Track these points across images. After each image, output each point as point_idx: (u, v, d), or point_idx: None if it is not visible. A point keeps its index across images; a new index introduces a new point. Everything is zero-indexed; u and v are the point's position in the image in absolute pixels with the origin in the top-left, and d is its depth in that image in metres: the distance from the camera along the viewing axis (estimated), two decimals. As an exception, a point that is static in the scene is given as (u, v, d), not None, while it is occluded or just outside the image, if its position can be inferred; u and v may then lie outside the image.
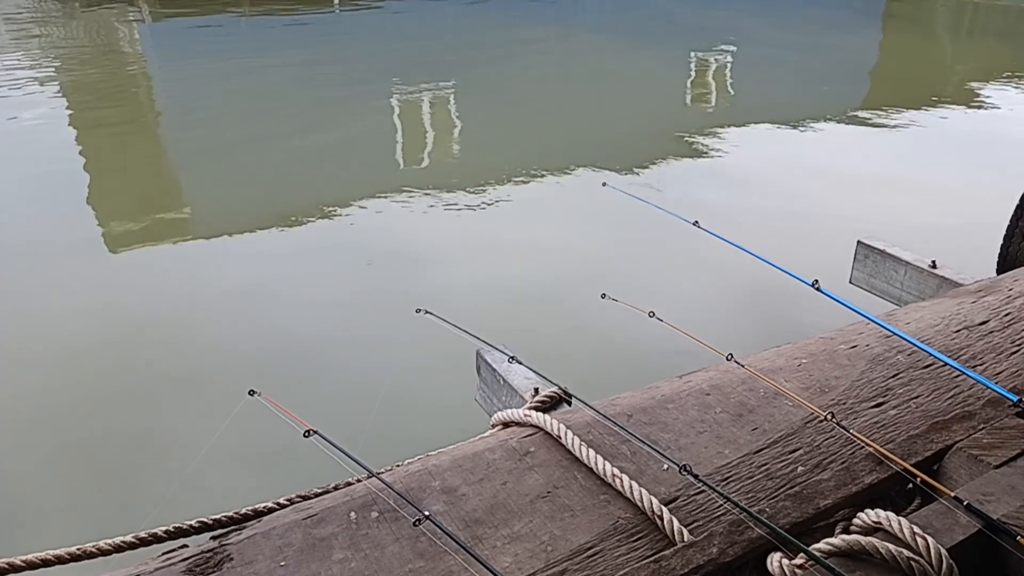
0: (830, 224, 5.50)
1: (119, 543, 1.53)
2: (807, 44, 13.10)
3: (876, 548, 1.32)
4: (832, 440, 1.68)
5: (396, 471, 1.62)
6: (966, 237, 4.85)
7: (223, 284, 4.81)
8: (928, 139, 8.07)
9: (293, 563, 1.38)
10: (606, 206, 5.55)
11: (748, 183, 6.55)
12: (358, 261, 5.14)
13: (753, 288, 4.47)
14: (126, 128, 8.25)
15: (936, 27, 15.44)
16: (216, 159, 7.27)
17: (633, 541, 1.43)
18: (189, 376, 3.86)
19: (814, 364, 1.99)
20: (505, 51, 12.23)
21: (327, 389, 3.77)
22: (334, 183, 6.65)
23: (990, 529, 1.38)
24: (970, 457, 1.59)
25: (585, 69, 11.44)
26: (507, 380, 2.08)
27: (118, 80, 10.18)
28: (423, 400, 3.56)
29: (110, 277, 4.96)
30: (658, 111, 9.45)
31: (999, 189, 3.93)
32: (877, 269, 2.97)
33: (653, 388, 1.89)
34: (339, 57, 11.68)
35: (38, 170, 6.76)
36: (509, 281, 4.83)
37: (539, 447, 1.67)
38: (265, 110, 8.67)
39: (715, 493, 1.50)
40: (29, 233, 5.51)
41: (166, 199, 6.45)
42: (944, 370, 1.93)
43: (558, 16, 15.53)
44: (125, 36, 12.90)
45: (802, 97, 9.79)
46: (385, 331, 4.21)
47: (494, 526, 1.46)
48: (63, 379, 3.85)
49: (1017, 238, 2.84)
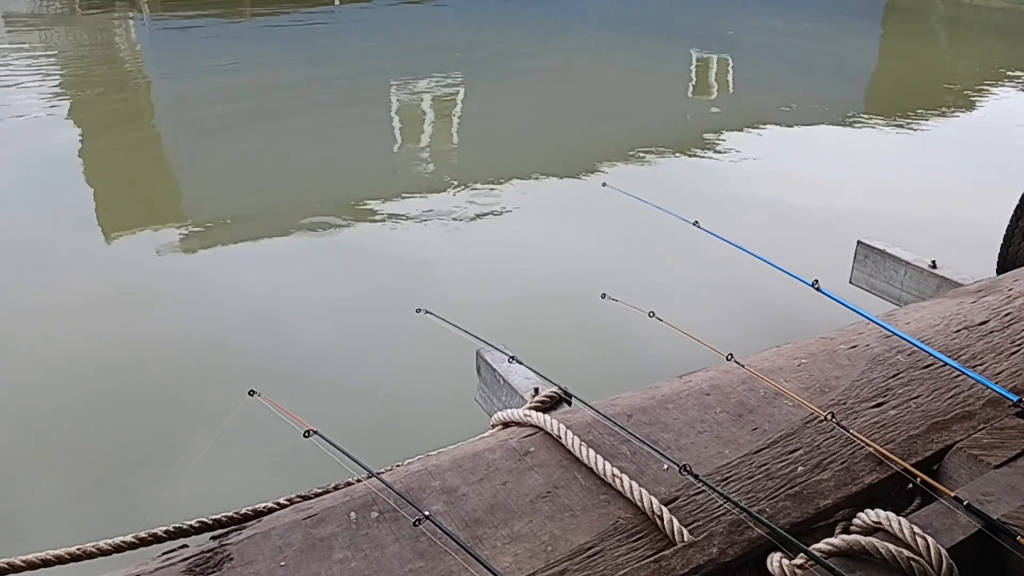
0: (830, 224, 5.50)
1: (119, 543, 1.53)
2: (807, 45, 13.10)
3: (876, 548, 1.32)
4: (832, 440, 1.68)
5: (396, 471, 1.62)
6: (966, 237, 4.86)
7: (223, 284, 4.81)
8: (928, 139, 8.07)
9: (293, 563, 1.38)
10: (606, 206, 5.54)
11: (748, 183, 6.55)
12: (358, 261, 5.14)
13: (753, 288, 4.46)
14: (126, 129, 8.24)
15: (936, 26, 15.44)
16: (216, 159, 7.27)
17: (633, 541, 1.43)
18: (189, 376, 3.86)
19: (814, 364, 1.99)
20: (505, 51, 12.23)
21: (327, 389, 3.77)
22: (334, 183, 6.64)
23: (990, 529, 1.38)
24: (970, 457, 1.59)
25: (585, 69, 11.43)
26: (507, 380, 2.08)
27: (118, 80, 10.18)
28: (423, 400, 3.56)
29: (109, 277, 4.95)
30: (658, 111, 9.45)
31: (999, 189, 3.93)
32: (877, 269, 2.97)
33: (653, 388, 1.89)
34: (339, 56, 11.67)
35: (38, 170, 6.76)
36: (509, 281, 4.83)
37: (539, 447, 1.67)
38: (265, 110, 8.66)
39: (715, 493, 1.50)
40: (26, 232, 5.51)
41: (165, 199, 6.44)
42: (944, 370, 1.93)
43: (559, 16, 15.52)
44: (124, 36, 12.91)
45: (802, 97, 9.79)
46: (385, 331, 4.21)
47: (494, 526, 1.46)
48: (62, 379, 3.85)
49: (1017, 238, 2.84)
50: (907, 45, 13.81)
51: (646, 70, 11.42)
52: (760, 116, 8.58)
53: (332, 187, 6.51)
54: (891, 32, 15.27)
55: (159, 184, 6.79)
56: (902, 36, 14.79)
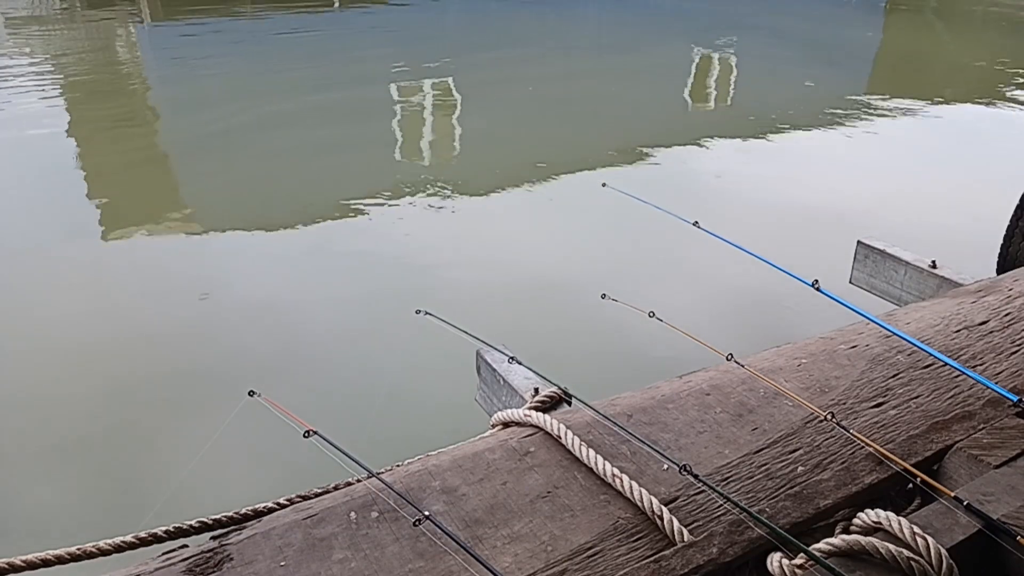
0: (830, 224, 5.50)
1: (119, 543, 1.53)
2: (810, 42, 13.10)
3: (876, 548, 1.32)
4: (832, 440, 1.68)
5: (396, 471, 1.62)
6: (966, 237, 4.86)
7: (223, 285, 4.81)
8: (928, 138, 8.07)
9: (293, 563, 1.38)
10: (606, 206, 5.54)
11: (748, 182, 6.55)
12: (358, 262, 5.14)
13: (753, 288, 4.46)
14: (126, 128, 8.24)
15: (935, 25, 15.44)
16: (216, 160, 7.26)
17: (633, 541, 1.43)
18: (189, 377, 3.86)
19: (814, 364, 1.99)
20: (506, 51, 12.23)
21: (327, 389, 3.77)
22: (334, 183, 6.64)
23: (990, 529, 1.38)
24: (970, 457, 1.59)
25: (586, 69, 11.43)
26: (507, 380, 2.08)
27: (118, 81, 10.18)
28: (423, 400, 3.56)
29: (108, 277, 4.95)
30: (658, 111, 9.44)
31: (999, 189, 3.93)
32: (877, 269, 2.97)
33: (653, 388, 1.89)
34: (339, 58, 11.68)
35: (37, 170, 6.76)
36: (509, 281, 4.83)
37: (539, 447, 1.67)
38: (265, 111, 8.66)
39: (715, 493, 1.50)
40: (25, 232, 5.51)
41: (165, 199, 6.44)
42: (944, 370, 1.93)
43: (559, 15, 15.52)
44: (124, 38, 12.90)
45: (802, 97, 9.79)
46: (385, 331, 4.21)
47: (494, 526, 1.46)
48: (62, 379, 3.85)
49: (1017, 238, 2.84)
50: (908, 42, 13.81)
51: (646, 68, 11.42)
52: (760, 115, 8.59)
53: (332, 188, 6.51)
54: (892, 25, 15.28)
55: (158, 185, 6.79)
56: (903, 33, 14.79)
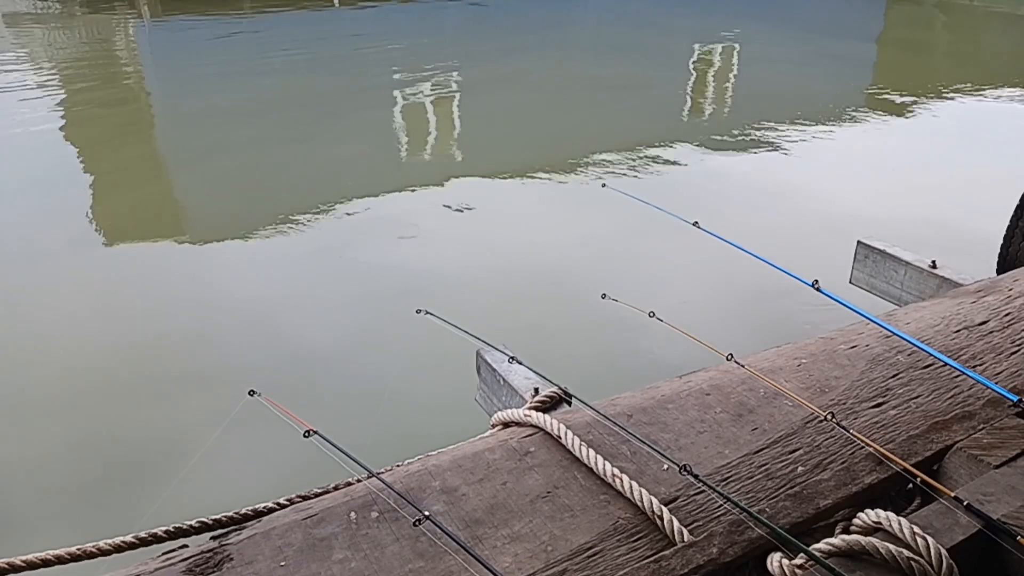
0: (830, 224, 5.50)
1: (119, 543, 1.53)
2: (809, 43, 13.10)
3: (876, 548, 1.32)
4: (832, 440, 1.68)
5: (396, 471, 1.62)
6: (966, 237, 4.86)
7: (223, 285, 4.81)
8: (928, 138, 8.07)
9: (293, 563, 1.38)
10: (606, 206, 5.55)
11: (748, 182, 6.55)
12: (358, 262, 5.14)
13: (753, 288, 4.46)
14: (126, 128, 8.24)
15: (936, 25, 15.44)
16: (216, 161, 7.26)
17: (633, 541, 1.43)
18: (189, 377, 3.86)
19: (814, 364, 1.99)
20: (506, 49, 12.23)
21: (327, 389, 3.77)
22: (334, 183, 6.64)
23: (990, 529, 1.38)
24: (970, 457, 1.59)
25: (586, 69, 11.42)
26: (507, 380, 2.08)
27: (118, 82, 10.18)
28: (423, 400, 3.56)
29: (108, 279, 4.95)
30: (658, 111, 9.44)
31: (999, 189, 3.93)
32: (877, 269, 2.97)
33: (653, 388, 1.89)
34: (339, 56, 11.68)
35: (37, 171, 6.76)
36: (509, 281, 4.82)
37: (539, 447, 1.67)
38: (264, 112, 8.66)
39: (715, 493, 1.50)
40: (25, 234, 5.51)
41: (165, 202, 6.44)
42: (944, 370, 1.93)
43: (559, 14, 15.52)
44: (123, 38, 12.90)
45: (802, 98, 9.79)
46: (385, 331, 4.21)
47: (494, 526, 1.46)
48: (62, 380, 3.85)
49: (1017, 238, 2.84)
50: (908, 41, 13.81)
51: (646, 67, 11.41)
52: (760, 115, 8.58)
53: (332, 188, 6.50)
54: (892, 21, 15.29)
55: (158, 186, 6.79)
56: (903, 32, 14.79)
